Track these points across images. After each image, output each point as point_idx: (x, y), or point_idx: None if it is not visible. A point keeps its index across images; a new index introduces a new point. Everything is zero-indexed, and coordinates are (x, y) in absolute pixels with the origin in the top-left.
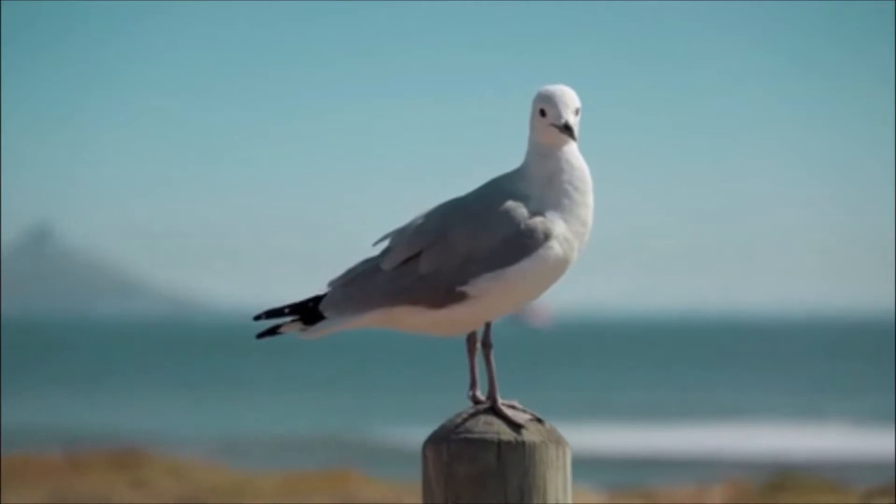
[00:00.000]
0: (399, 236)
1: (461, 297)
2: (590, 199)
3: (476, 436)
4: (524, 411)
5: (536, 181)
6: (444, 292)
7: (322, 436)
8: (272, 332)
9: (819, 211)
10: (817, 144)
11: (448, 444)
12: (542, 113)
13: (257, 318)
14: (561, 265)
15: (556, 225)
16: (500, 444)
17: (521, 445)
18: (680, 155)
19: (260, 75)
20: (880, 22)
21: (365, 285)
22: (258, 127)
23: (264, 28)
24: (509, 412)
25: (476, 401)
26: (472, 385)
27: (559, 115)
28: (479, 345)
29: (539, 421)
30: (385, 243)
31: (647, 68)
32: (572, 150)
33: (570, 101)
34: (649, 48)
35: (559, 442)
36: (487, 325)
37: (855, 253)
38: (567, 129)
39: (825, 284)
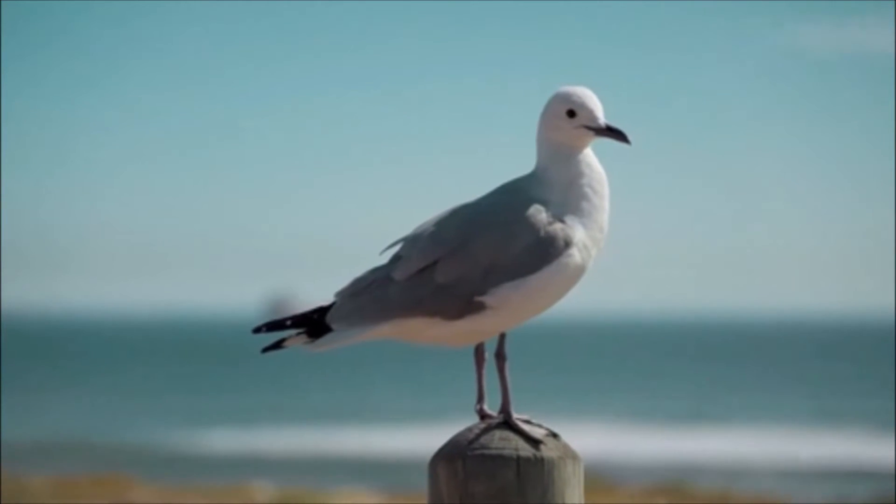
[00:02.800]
0: (411, 245)
1: (480, 308)
2: (607, 203)
3: (494, 452)
4: (539, 426)
5: (556, 185)
6: (463, 303)
7: (92, 439)
8: (277, 345)
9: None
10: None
11: (464, 460)
12: (571, 114)
13: (257, 330)
14: (579, 273)
15: (576, 231)
16: (519, 461)
17: (541, 461)
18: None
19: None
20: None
21: (377, 296)
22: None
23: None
24: (525, 427)
25: (483, 415)
26: (480, 398)
27: (596, 117)
28: (487, 355)
29: (554, 436)
30: (392, 251)
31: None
32: (590, 153)
33: (599, 103)
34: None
35: (575, 458)
36: (502, 336)
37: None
38: (612, 131)
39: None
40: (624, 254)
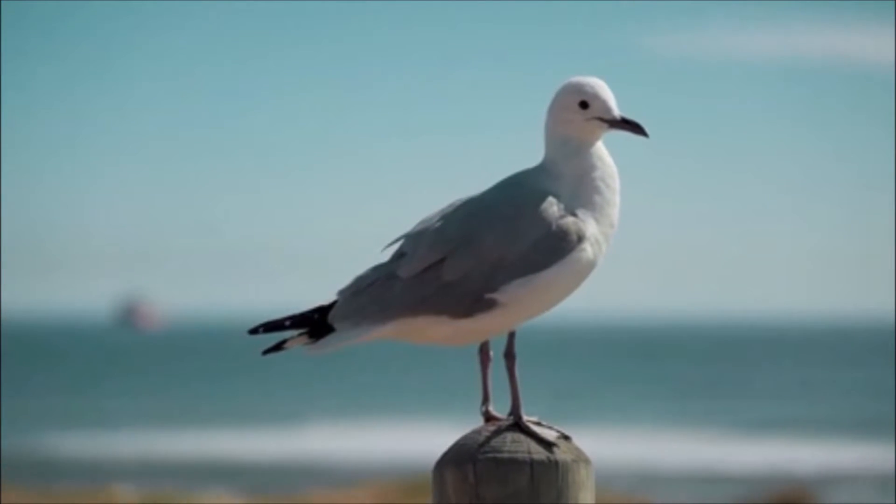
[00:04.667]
0: (416, 241)
1: (489, 305)
2: (618, 198)
3: (506, 455)
4: (550, 428)
5: (566, 178)
6: (472, 301)
7: None
8: (278, 347)
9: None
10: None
11: (474, 464)
12: (583, 105)
13: (253, 331)
14: (589, 269)
15: (589, 226)
16: (532, 464)
17: (555, 465)
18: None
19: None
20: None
21: (381, 295)
22: None
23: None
24: (537, 429)
25: (489, 417)
26: (485, 399)
27: (610, 109)
28: (493, 354)
29: (566, 438)
30: (394, 248)
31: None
32: (602, 146)
33: (611, 93)
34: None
35: (587, 461)
36: (511, 335)
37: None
38: (628, 123)
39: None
40: None
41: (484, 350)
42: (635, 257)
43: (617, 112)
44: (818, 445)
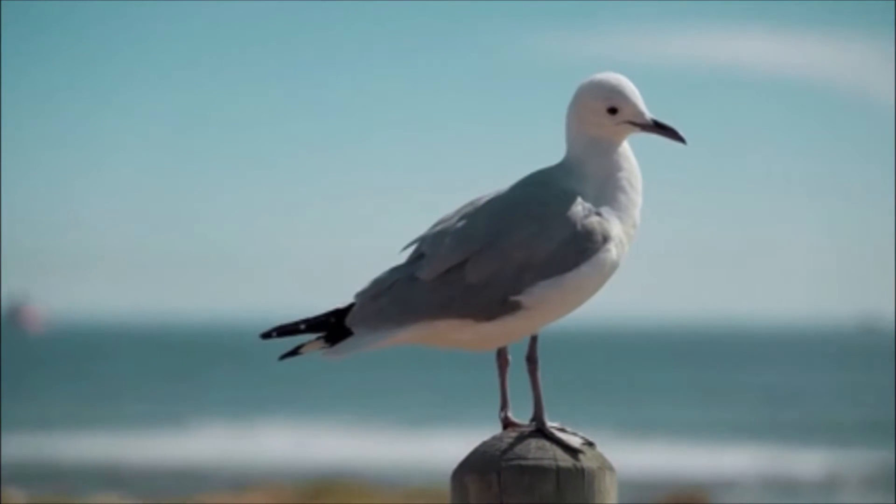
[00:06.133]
0: (437, 242)
1: (515, 308)
2: (641, 199)
3: (531, 462)
4: (574, 434)
5: (591, 178)
6: (497, 303)
7: None
8: (294, 352)
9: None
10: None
11: (498, 472)
12: (613, 111)
13: (266, 335)
14: (613, 270)
15: (613, 226)
16: (558, 472)
17: (581, 473)
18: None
19: None
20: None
21: (401, 297)
22: None
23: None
24: (562, 435)
25: (507, 423)
26: (504, 405)
27: (642, 112)
28: (511, 358)
29: (590, 444)
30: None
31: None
32: (627, 145)
33: (638, 92)
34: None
35: (612, 469)
36: (533, 339)
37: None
38: (663, 128)
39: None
40: None
41: (502, 354)
42: None
43: (649, 115)
44: (709, 448)
